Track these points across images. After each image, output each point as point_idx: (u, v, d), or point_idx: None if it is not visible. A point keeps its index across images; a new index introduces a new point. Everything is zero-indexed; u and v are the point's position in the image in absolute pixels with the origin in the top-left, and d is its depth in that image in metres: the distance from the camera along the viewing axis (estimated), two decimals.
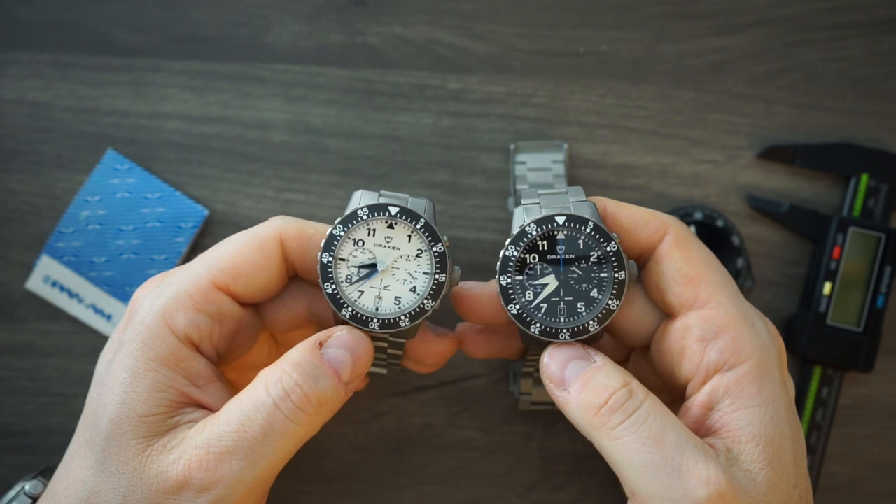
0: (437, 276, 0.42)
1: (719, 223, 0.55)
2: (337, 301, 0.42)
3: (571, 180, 0.56)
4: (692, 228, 0.55)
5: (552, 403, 0.50)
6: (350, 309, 0.42)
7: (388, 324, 0.42)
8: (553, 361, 0.41)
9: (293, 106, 0.56)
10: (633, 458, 0.37)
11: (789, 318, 0.55)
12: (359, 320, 0.42)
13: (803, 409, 0.54)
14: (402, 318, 0.42)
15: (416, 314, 0.42)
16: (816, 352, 0.54)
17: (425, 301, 0.42)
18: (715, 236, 0.55)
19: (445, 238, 0.42)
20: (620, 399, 0.38)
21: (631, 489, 0.38)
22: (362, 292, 0.42)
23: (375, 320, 0.41)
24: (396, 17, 0.57)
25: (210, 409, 0.40)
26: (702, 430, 0.40)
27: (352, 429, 0.54)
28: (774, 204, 0.56)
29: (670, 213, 0.55)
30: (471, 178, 0.56)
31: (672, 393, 0.43)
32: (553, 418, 0.55)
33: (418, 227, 0.42)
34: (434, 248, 0.42)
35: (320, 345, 0.40)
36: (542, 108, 0.57)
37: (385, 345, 0.44)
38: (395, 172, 0.56)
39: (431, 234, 0.42)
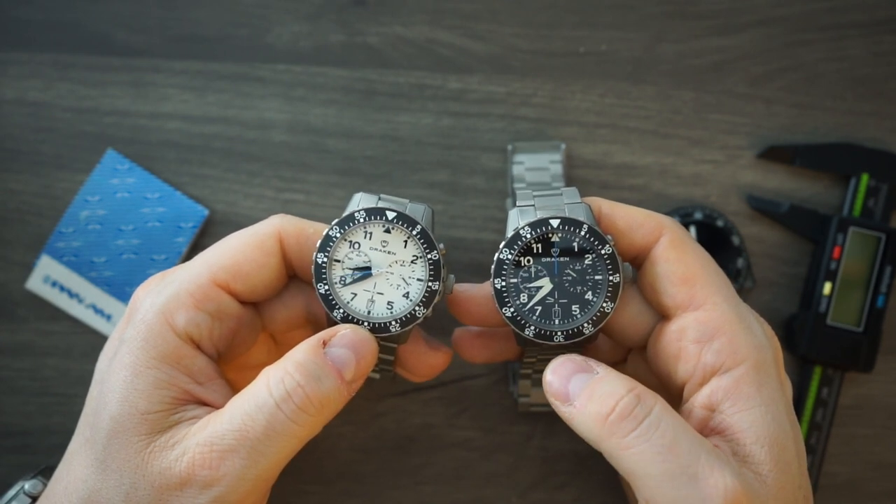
0: (430, 284, 0.42)
1: (719, 223, 0.55)
2: (329, 302, 0.42)
3: (570, 180, 0.56)
4: (692, 228, 0.55)
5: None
6: (342, 310, 0.42)
7: (379, 328, 0.42)
8: (556, 378, 0.40)
9: (293, 106, 0.56)
10: (647, 468, 0.37)
11: (789, 318, 0.55)
12: (350, 323, 0.42)
13: (803, 409, 0.54)
14: (393, 322, 0.42)
15: (408, 320, 0.42)
16: (816, 352, 0.54)
17: (417, 308, 0.42)
18: (715, 236, 0.55)
19: (442, 246, 0.42)
20: (628, 405, 0.37)
21: (646, 498, 0.37)
22: (355, 294, 0.42)
23: (366, 324, 0.42)
24: (396, 17, 0.57)
25: (213, 406, 0.40)
26: (705, 432, 0.39)
27: (352, 429, 0.54)
28: (774, 204, 0.56)
29: (670, 213, 0.55)
30: (471, 178, 0.56)
31: (670, 393, 0.43)
32: (553, 418, 0.54)
33: (414, 233, 0.42)
34: (429, 256, 0.42)
35: (324, 343, 0.40)
36: (541, 108, 0.57)
37: None
38: (395, 172, 0.56)
39: (427, 241, 0.42)
